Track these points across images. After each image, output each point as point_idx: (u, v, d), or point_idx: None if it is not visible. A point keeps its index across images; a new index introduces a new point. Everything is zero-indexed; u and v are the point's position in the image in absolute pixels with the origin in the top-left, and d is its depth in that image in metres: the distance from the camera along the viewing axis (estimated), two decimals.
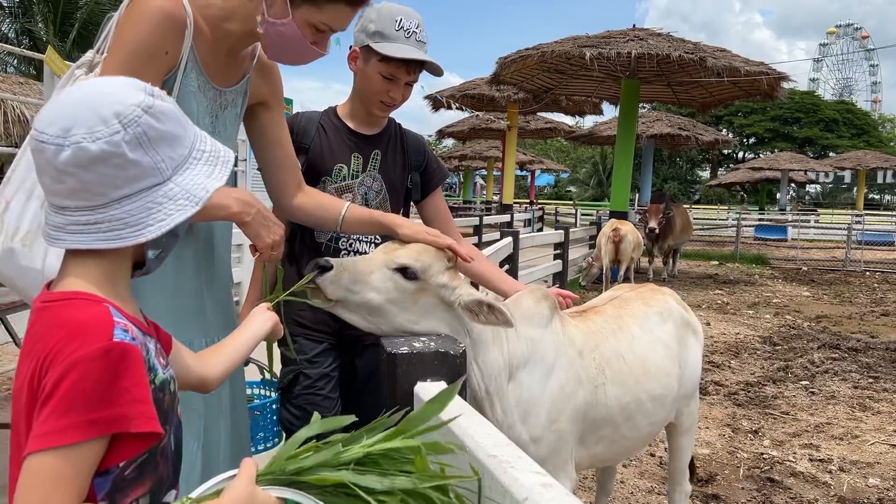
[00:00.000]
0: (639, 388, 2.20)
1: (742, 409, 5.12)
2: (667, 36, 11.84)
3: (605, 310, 2.36)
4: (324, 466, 0.99)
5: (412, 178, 2.24)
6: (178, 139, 1.00)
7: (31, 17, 19.15)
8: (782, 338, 7.65)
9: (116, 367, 0.88)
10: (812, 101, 49.75)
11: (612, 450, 2.23)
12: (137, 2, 1.41)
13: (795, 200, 40.80)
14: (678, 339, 2.45)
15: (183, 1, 1.45)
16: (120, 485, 0.94)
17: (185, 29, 1.45)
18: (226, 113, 1.64)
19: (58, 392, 0.86)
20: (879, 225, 26.69)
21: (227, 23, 1.53)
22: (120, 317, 0.94)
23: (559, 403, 1.94)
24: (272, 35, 1.52)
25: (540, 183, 50.58)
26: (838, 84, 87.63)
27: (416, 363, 1.47)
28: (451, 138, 31.11)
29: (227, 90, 1.63)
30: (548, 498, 0.93)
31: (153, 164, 0.97)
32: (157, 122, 0.97)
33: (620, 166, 12.59)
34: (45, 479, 0.85)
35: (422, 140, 2.30)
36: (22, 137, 10.50)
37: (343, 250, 2.14)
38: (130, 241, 0.96)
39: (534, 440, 1.90)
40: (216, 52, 1.56)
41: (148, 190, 0.97)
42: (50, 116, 0.94)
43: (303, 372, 2.11)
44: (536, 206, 29.37)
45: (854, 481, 3.87)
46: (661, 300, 2.54)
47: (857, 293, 11.61)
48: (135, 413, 0.89)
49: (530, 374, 1.90)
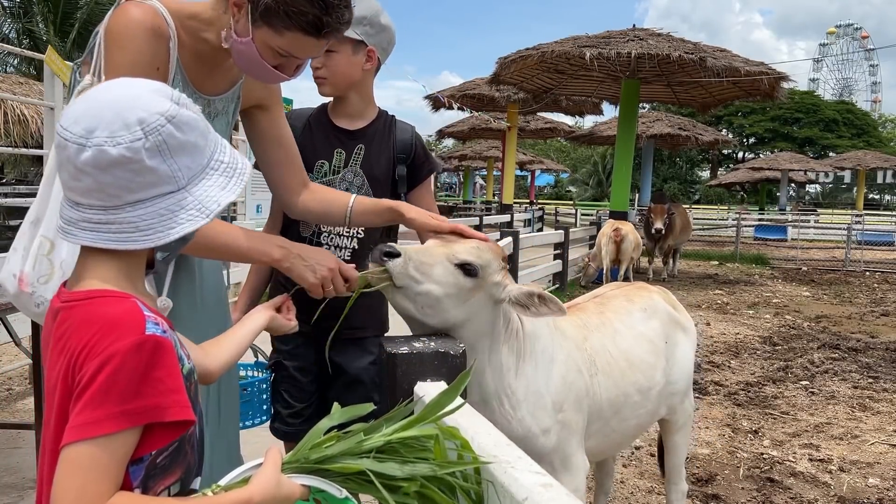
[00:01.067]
0: (625, 381, 2.23)
1: (742, 409, 5.12)
2: (667, 36, 11.85)
3: (587, 306, 2.39)
4: (346, 455, 1.03)
5: (398, 172, 2.22)
6: (198, 149, 1.02)
7: (31, 17, 19.14)
8: (782, 338, 7.65)
9: (150, 358, 0.92)
10: (812, 101, 49.72)
11: (603, 444, 2.26)
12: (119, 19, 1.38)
13: (795, 200, 40.78)
14: (664, 336, 2.46)
15: (163, 13, 1.42)
16: (153, 472, 0.97)
17: (170, 41, 1.43)
18: (217, 121, 1.62)
19: (94, 384, 0.89)
20: (879, 225, 26.68)
21: (205, 33, 1.50)
22: (148, 311, 0.97)
23: (563, 393, 1.97)
24: (235, 50, 1.47)
25: (540, 183, 50.56)
26: (838, 84, 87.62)
27: (416, 363, 1.47)
28: (451, 138, 31.13)
29: (216, 98, 1.61)
30: (548, 498, 0.93)
31: (170, 172, 0.98)
32: (178, 132, 0.98)
33: (620, 166, 12.59)
34: (82, 468, 0.88)
35: (410, 132, 2.27)
36: (22, 137, 10.50)
37: (325, 245, 2.17)
38: (138, 245, 0.98)
39: (544, 431, 1.92)
40: (201, 62, 1.54)
41: (162, 197, 0.98)
42: (76, 114, 0.97)
43: (282, 361, 2.26)
44: (536, 206, 29.36)
45: (854, 481, 3.87)
46: (646, 297, 2.55)
47: (856, 293, 11.61)
48: (169, 403, 0.93)
49: (534, 367, 1.92)
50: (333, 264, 1.55)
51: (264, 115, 1.78)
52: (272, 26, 1.41)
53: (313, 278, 1.53)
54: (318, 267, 1.53)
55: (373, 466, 1.01)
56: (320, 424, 1.09)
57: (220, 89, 1.62)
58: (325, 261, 1.55)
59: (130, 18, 1.37)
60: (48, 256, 1.35)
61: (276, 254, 1.51)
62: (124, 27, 1.37)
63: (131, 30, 1.36)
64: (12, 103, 10.46)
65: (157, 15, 1.41)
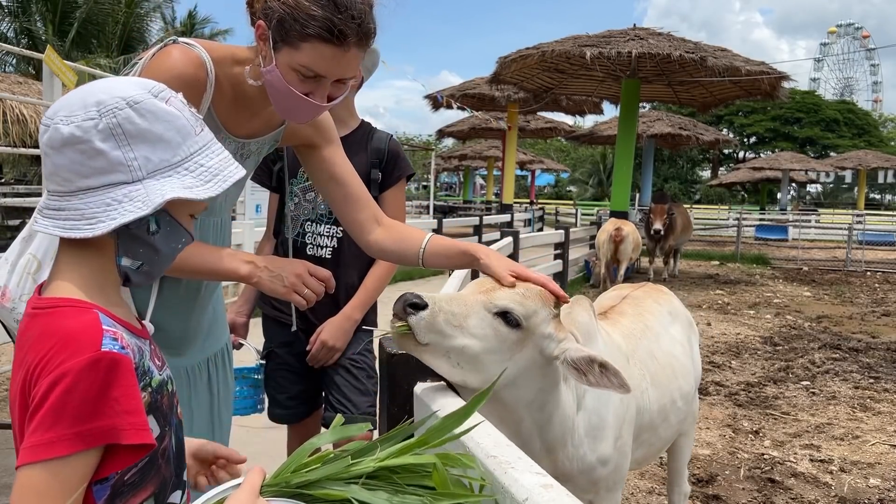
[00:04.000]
0: (672, 387, 2.17)
1: (743, 409, 5.11)
2: (667, 35, 11.84)
3: (625, 310, 2.30)
4: (332, 479, 0.96)
5: (372, 175, 2.35)
6: (165, 143, 0.97)
7: (29, 16, 19.16)
8: (783, 338, 7.64)
9: (105, 377, 0.87)
10: (813, 100, 49.68)
11: (648, 453, 2.19)
12: (159, 63, 1.39)
13: (796, 200, 40.79)
14: (687, 338, 2.46)
15: (206, 63, 1.43)
16: (121, 490, 0.93)
17: (204, 92, 1.44)
18: (247, 162, 1.64)
19: (46, 404, 0.85)
20: (880, 225, 26.66)
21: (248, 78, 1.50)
22: (110, 324, 0.93)
23: (621, 416, 1.84)
24: (267, 84, 1.45)
25: (540, 183, 50.56)
26: (839, 84, 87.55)
27: (416, 364, 1.45)
28: (451, 138, 31.13)
29: (251, 141, 1.61)
30: (548, 498, 0.92)
31: (123, 160, 0.94)
32: (138, 118, 0.95)
33: (621, 166, 12.58)
34: (35, 492, 0.84)
35: (384, 139, 2.41)
36: (20, 137, 10.49)
37: (308, 244, 2.35)
38: (81, 233, 0.93)
39: (602, 462, 1.78)
40: (242, 107, 1.55)
41: (113, 186, 0.94)
42: (58, 102, 0.97)
43: (275, 350, 2.44)
44: (536, 205, 29.38)
45: (855, 482, 3.86)
46: (668, 299, 2.54)
47: (857, 293, 11.59)
48: (125, 424, 0.88)
49: (595, 398, 1.75)
50: (301, 269, 1.54)
51: (315, 154, 1.76)
52: (289, 42, 1.39)
53: (282, 288, 1.53)
54: (285, 276, 1.52)
55: (359, 495, 0.93)
56: (306, 444, 1.03)
57: (261, 132, 1.63)
58: (292, 268, 1.54)
59: (170, 66, 1.39)
60: (33, 276, 1.34)
61: (243, 270, 1.52)
62: (166, 69, 1.38)
63: (170, 77, 1.36)
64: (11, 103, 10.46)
65: (199, 65, 1.42)
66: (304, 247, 2.35)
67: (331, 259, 2.32)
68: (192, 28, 24.29)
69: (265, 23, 1.40)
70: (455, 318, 1.41)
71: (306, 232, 2.36)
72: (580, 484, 1.76)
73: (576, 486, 1.70)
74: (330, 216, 2.33)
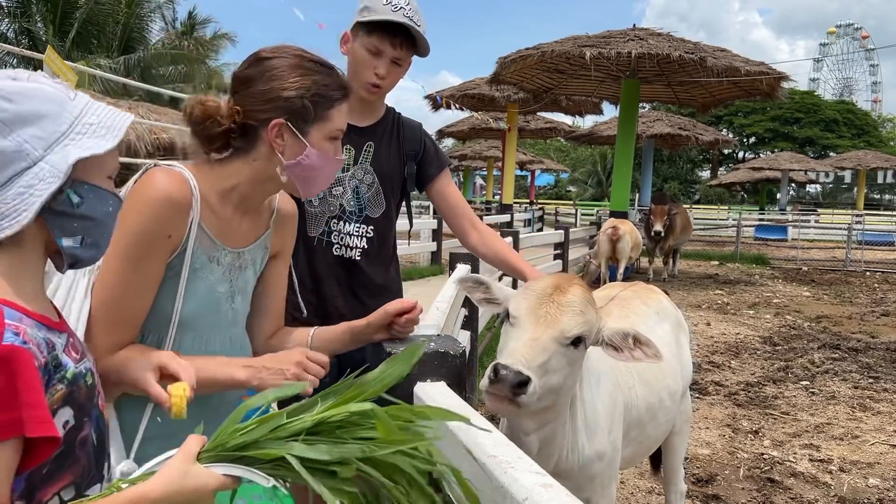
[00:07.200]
0: (659, 386, 2.19)
1: (742, 409, 5.11)
2: (667, 36, 11.85)
3: (612, 311, 2.33)
4: (270, 439, 0.94)
5: (408, 169, 2.21)
6: (48, 117, 0.97)
7: (30, 16, 19.16)
8: (782, 338, 7.65)
9: (4, 371, 0.87)
10: (812, 100, 49.68)
11: (637, 451, 2.21)
12: (144, 188, 1.40)
13: (796, 200, 40.77)
14: (675, 338, 2.46)
15: (189, 182, 1.44)
16: (37, 481, 0.95)
17: (190, 210, 1.44)
18: (246, 273, 1.62)
19: None
20: (880, 225, 26.67)
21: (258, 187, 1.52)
22: (14, 317, 0.93)
23: (610, 411, 1.88)
24: (297, 175, 1.49)
25: (540, 183, 50.51)
26: (838, 84, 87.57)
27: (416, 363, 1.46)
28: (451, 138, 31.09)
29: (245, 250, 1.61)
30: (548, 498, 0.92)
31: (16, 147, 0.94)
32: (7, 104, 0.95)
33: (620, 166, 12.59)
34: None
35: (418, 129, 2.25)
36: None
37: (336, 244, 2.13)
38: (11, 230, 0.94)
39: (599, 456, 1.82)
40: (233, 219, 1.55)
41: (19, 175, 0.94)
42: None
43: None
44: (536, 205, 29.37)
45: (854, 481, 3.87)
46: (657, 299, 2.55)
47: (857, 293, 11.60)
48: (27, 416, 0.88)
49: (589, 389, 1.81)
50: (299, 357, 1.53)
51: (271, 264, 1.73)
52: (319, 118, 1.47)
53: (286, 381, 1.51)
54: (285, 369, 1.51)
55: (298, 451, 0.91)
56: (241, 406, 1.00)
57: (251, 239, 1.63)
58: (290, 358, 1.52)
59: (154, 189, 1.40)
60: None
61: (241, 375, 1.48)
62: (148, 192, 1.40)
63: (152, 198, 1.38)
64: None
65: (183, 185, 1.43)
66: (330, 247, 2.13)
67: (360, 261, 2.14)
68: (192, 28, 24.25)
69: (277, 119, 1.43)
70: (542, 367, 1.47)
71: (332, 230, 2.13)
72: (578, 481, 1.78)
73: (574, 484, 1.72)
74: (360, 213, 2.15)
